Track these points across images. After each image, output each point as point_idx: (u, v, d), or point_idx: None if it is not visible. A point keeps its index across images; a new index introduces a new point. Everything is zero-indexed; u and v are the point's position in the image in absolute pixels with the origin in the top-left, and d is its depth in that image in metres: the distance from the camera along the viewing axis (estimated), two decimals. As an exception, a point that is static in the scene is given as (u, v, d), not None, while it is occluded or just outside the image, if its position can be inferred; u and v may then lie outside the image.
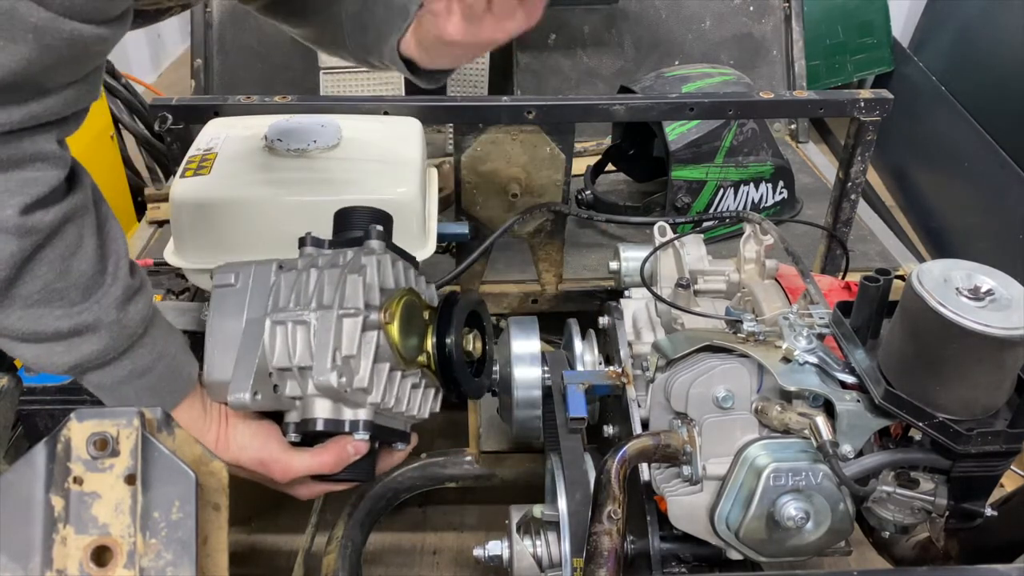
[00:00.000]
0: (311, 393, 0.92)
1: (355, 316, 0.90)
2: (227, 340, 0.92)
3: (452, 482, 1.56)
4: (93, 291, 0.82)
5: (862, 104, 1.53)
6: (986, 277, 0.88)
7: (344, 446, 0.95)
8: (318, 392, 0.92)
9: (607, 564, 0.93)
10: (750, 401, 1.00)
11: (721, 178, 1.96)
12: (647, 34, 2.65)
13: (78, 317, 0.81)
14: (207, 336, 0.94)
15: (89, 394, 1.19)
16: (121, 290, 0.84)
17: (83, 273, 0.81)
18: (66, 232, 0.79)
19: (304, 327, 0.91)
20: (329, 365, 0.88)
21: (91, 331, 0.83)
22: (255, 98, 1.51)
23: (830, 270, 1.71)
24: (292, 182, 1.30)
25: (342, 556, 1.41)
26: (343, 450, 0.95)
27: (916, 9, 3.12)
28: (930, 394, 0.89)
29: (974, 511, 0.96)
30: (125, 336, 0.85)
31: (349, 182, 1.30)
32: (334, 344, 0.89)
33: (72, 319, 0.81)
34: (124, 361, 0.86)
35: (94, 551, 0.73)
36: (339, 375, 0.88)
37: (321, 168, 1.33)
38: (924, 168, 2.88)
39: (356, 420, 0.94)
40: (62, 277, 0.79)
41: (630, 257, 1.36)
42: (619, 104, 1.52)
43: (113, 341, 0.84)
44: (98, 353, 0.84)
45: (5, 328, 0.80)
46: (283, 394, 0.93)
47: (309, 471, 0.95)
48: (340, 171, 1.32)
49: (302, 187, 1.30)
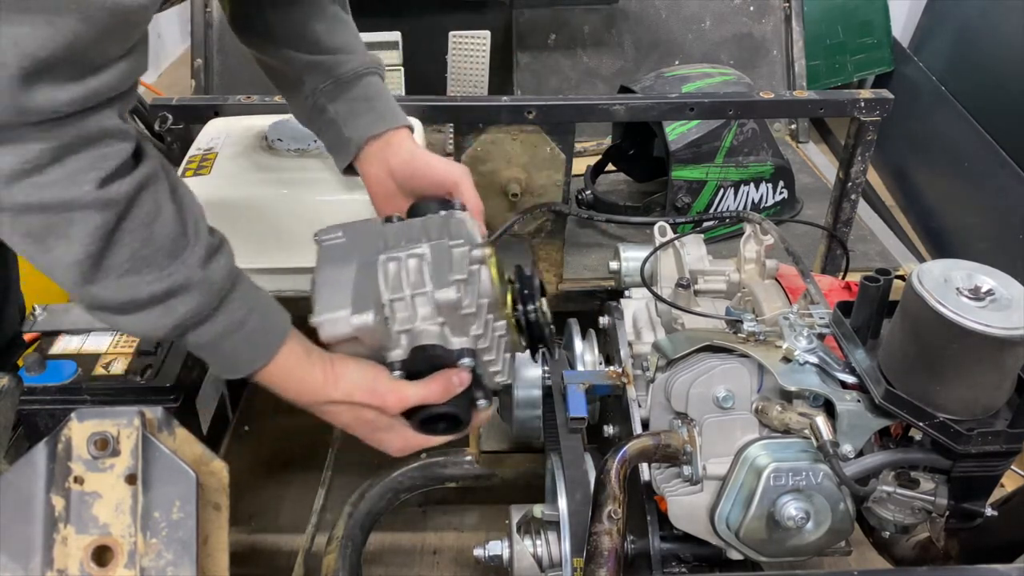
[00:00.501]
0: (422, 317, 0.96)
1: (463, 247, 0.97)
2: (338, 282, 0.95)
3: (452, 482, 1.56)
4: (178, 253, 0.84)
5: (862, 104, 1.53)
6: (986, 277, 0.88)
7: (449, 376, 0.98)
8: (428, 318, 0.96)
9: (607, 564, 0.93)
10: (750, 401, 1.00)
11: (721, 178, 1.96)
12: (647, 34, 2.65)
13: (169, 279, 0.83)
14: (316, 284, 0.96)
15: (89, 394, 1.19)
16: (204, 249, 0.87)
17: (165, 237, 0.83)
18: (143, 200, 0.81)
19: (417, 259, 0.96)
20: (449, 280, 0.94)
21: (184, 291, 0.85)
22: (255, 98, 1.51)
23: (830, 270, 1.71)
24: (292, 182, 1.30)
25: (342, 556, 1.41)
26: (449, 380, 0.97)
27: (916, 9, 3.12)
28: (930, 394, 0.89)
29: (974, 511, 0.96)
30: (215, 292, 0.87)
31: (348, 182, 1.30)
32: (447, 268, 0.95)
33: (163, 282, 0.83)
34: (219, 316, 0.88)
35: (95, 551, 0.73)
36: (457, 290, 0.93)
37: (321, 168, 1.33)
38: (924, 168, 2.87)
39: (461, 348, 0.97)
40: (147, 244, 0.82)
41: (630, 257, 1.36)
42: (619, 104, 1.52)
43: (205, 298, 0.86)
44: (193, 311, 0.86)
45: (104, 301, 0.83)
46: (392, 328, 0.96)
47: (420, 400, 0.97)
48: (340, 171, 1.32)
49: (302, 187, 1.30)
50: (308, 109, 1.17)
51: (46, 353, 1.25)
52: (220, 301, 0.88)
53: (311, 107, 1.16)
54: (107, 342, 1.26)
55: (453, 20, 2.36)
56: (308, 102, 1.16)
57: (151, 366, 1.21)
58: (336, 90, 1.14)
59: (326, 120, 1.16)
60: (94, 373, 1.21)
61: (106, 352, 1.25)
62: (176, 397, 1.21)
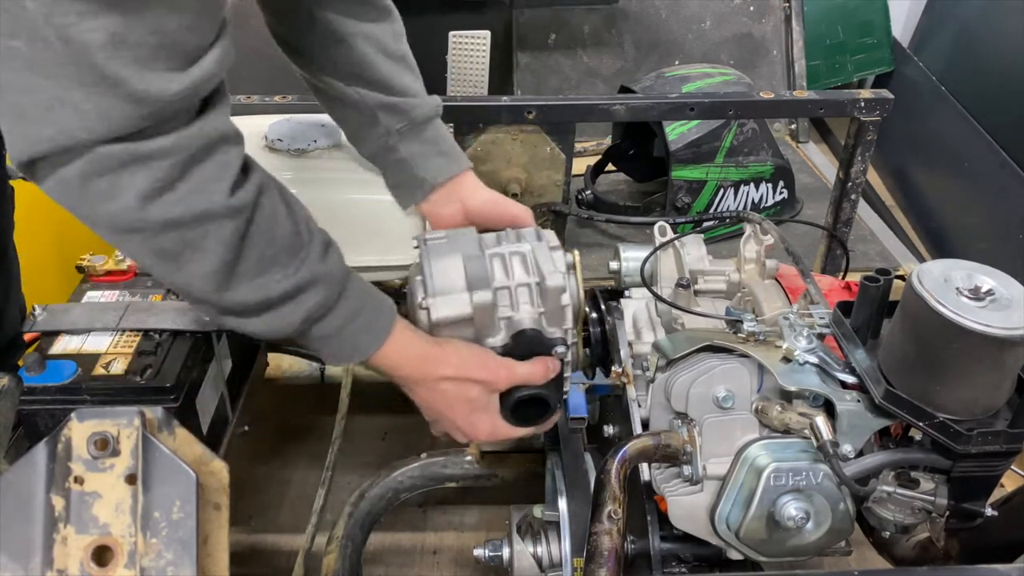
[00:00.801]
0: (523, 304, 1.03)
1: (559, 250, 1.06)
2: (450, 269, 1.03)
3: (452, 482, 1.56)
4: (298, 250, 0.88)
5: (862, 104, 1.53)
6: (986, 277, 0.88)
7: (547, 361, 1.04)
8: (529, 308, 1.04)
9: (607, 564, 0.93)
10: (750, 401, 1.00)
11: (721, 178, 1.96)
12: (647, 34, 2.66)
13: (295, 276, 0.87)
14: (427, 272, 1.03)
15: (89, 394, 1.19)
16: (320, 243, 0.91)
17: (285, 237, 0.87)
18: (263, 204, 0.85)
19: (519, 256, 1.05)
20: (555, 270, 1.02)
21: (311, 285, 0.89)
22: (255, 98, 1.51)
23: (830, 270, 1.71)
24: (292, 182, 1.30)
25: (342, 556, 1.41)
26: (546, 364, 1.04)
27: (916, 9, 3.12)
28: (930, 394, 0.89)
29: (974, 511, 0.96)
30: (336, 282, 0.92)
31: (349, 182, 1.31)
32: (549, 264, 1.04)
33: (291, 279, 0.87)
34: (341, 306, 0.92)
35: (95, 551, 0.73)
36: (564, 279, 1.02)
37: (321, 168, 1.33)
38: (924, 168, 2.87)
39: (557, 337, 1.05)
40: (271, 245, 0.86)
41: (630, 257, 1.36)
42: (619, 104, 1.53)
43: (329, 289, 0.91)
44: (320, 304, 0.90)
45: (239, 304, 0.86)
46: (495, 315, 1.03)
47: (526, 377, 1.03)
48: (340, 171, 1.32)
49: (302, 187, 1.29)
50: (378, 147, 1.22)
51: (46, 353, 1.25)
52: (341, 290, 0.92)
53: (382, 146, 1.21)
54: (107, 342, 1.26)
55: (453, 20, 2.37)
56: (380, 141, 1.21)
57: (151, 366, 1.21)
58: (411, 132, 1.20)
59: (396, 159, 1.21)
60: (94, 373, 1.21)
61: (106, 352, 1.24)
62: (176, 397, 1.20)
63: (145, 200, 0.76)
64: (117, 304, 1.34)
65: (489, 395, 1.03)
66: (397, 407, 1.98)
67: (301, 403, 1.99)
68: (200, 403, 1.30)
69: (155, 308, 1.32)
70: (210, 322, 1.32)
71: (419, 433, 1.97)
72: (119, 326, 1.28)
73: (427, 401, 1.04)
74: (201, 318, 1.29)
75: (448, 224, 1.26)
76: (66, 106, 0.71)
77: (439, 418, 1.06)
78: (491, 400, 1.04)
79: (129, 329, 1.28)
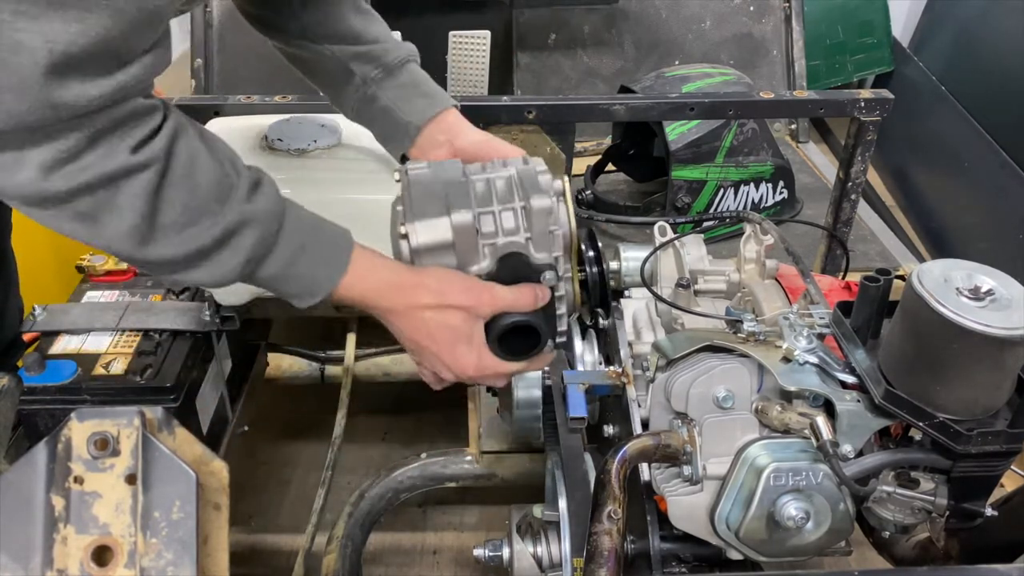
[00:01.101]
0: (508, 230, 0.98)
1: (547, 174, 1.01)
2: (431, 195, 0.98)
3: (452, 482, 1.56)
4: (225, 195, 0.86)
5: (862, 104, 1.53)
6: (986, 277, 0.87)
7: (535, 288, 0.99)
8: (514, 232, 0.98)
9: (607, 564, 0.93)
10: (750, 401, 1.00)
11: (721, 178, 1.96)
12: (647, 34, 2.65)
13: (225, 220, 0.85)
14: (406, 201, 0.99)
15: (89, 394, 1.19)
16: (248, 181, 0.89)
17: (209, 182, 0.85)
18: (178, 150, 0.83)
19: (505, 179, 1.00)
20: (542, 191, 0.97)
21: (242, 227, 0.87)
22: (255, 98, 1.51)
23: (830, 270, 1.71)
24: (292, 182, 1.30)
25: (342, 556, 1.41)
26: (534, 291, 0.99)
27: (916, 9, 3.12)
28: (930, 394, 0.89)
29: (974, 511, 0.96)
30: (271, 218, 0.89)
31: (349, 182, 1.30)
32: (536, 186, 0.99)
33: (221, 225, 0.85)
34: (282, 243, 0.90)
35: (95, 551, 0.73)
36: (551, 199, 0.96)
37: (321, 168, 1.33)
38: (924, 168, 2.87)
39: (545, 263, 0.99)
40: (194, 194, 0.84)
41: (630, 257, 1.36)
42: (619, 104, 1.52)
43: (264, 227, 0.88)
44: (258, 243, 0.88)
45: (170, 258, 0.85)
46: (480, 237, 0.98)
47: (511, 303, 0.98)
48: (340, 171, 1.32)
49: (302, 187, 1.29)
50: (358, 100, 1.19)
51: (46, 353, 1.25)
52: (279, 226, 0.89)
53: (361, 98, 1.18)
54: (107, 342, 1.26)
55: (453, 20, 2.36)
56: (359, 93, 1.18)
57: (151, 366, 1.21)
58: (386, 78, 1.17)
59: (378, 108, 1.18)
60: (94, 373, 1.21)
61: (106, 352, 1.25)
62: (176, 397, 1.21)
63: (48, 171, 0.76)
64: (117, 304, 1.34)
65: (473, 323, 0.97)
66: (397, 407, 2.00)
67: (301, 403, 1.99)
68: (200, 403, 1.30)
69: (155, 308, 1.32)
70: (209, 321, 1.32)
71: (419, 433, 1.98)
72: (119, 326, 1.29)
73: (406, 332, 0.99)
74: (201, 318, 1.29)
75: None
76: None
77: (421, 352, 1.01)
78: (475, 329, 0.98)
79: (129, 329, 1.28)
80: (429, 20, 2.45)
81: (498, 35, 2.41)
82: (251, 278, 0.90)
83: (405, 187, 1.02)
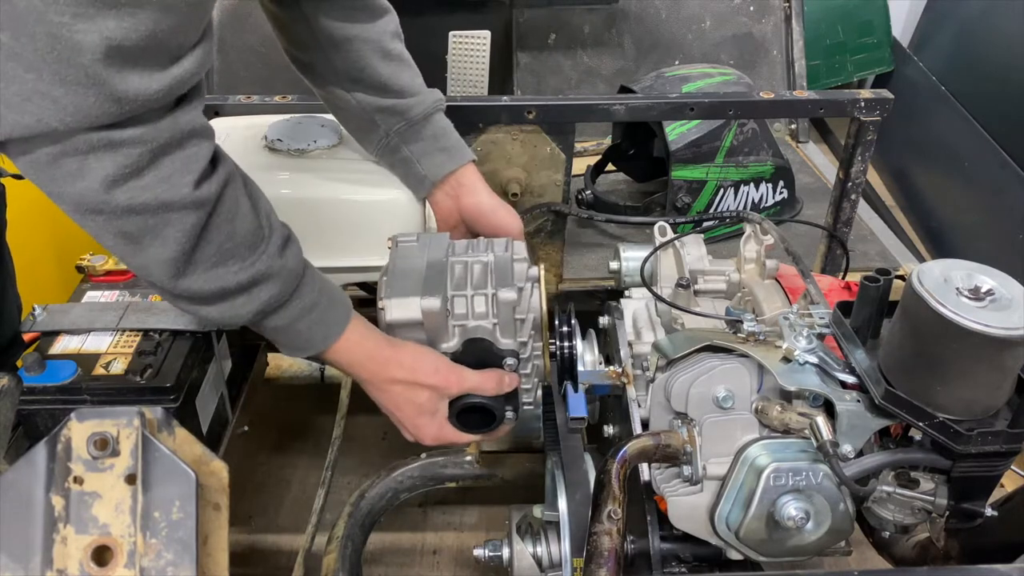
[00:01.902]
0: (478, 315, 1.05)
1: (524, 263, 1.08)
2: (410, 273, 1.06)
3: (452, 482, 1.56)
4: (258, 244, 0.90)
5: (862, 104, 1.53)
6: (986, 277, 0.87)
7: (500, 374, 1.07)
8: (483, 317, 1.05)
9: (607, 564, 0.93)
10: (750, 401, 1.00)
11: (721, 178, 1.96)
12: (647, 34, 2.65)
13: (252, 269, 0.90)
14: (389, 273, 1.06)
15: (89, 394, 1.19)
16: (280, 238, 0.93)
17: (246, 231, 0.89)
18: (226, 197, 0.87)
19: (482, 265, 1.07)
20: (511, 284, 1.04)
21: (265, 279, 0.91)
22: (255, 98, 1.51)
23: (830, 270, 1.71)
24: (292, 182, 1.30)
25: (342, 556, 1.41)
26: (500, 377, 1.07)
27: (916, 9, 3.12)
28: (930, 394, 0.89)
29: (974, 511, 0.96)
30: (293, 277, 0.94)
31: (349, 182, 1.30)
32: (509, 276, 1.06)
33: (247, 272, 0.89)
34: (295, 300, 0.95)
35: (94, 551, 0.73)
36: (517, 293, 1.03)
37: (321, 168, 1.33)
38: (924, 168, 2.87)
39: (510, 349, 1.06)
40: (231, 238, 0.88)
41: (630, 257, 1.36)
42: (619, 104, 1.53)
43: (284, 284, 0.93)
44: (275, 297, 0.93)
45: (193, 292, 0.88)
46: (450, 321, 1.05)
47: (476, 385, 1.06)
48: (340, 171, 1.32)
49: (302, 187, 1.30)
50: (381, 147, 1.26)
51: (46, 353, 1.25)
52: (296, 285, 0.95)
53: (384, 146, 1.25)
54: (107, 342, 1.26)
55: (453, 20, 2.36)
56: (382, 142, 1.25)
57: (151, 366, 1.21)
58: (408, 130, 1.23)
59: (400, 159, 1.26)
60: (94, 373, 1.21)
61: (106, 352, 1.24)
62: (176, 397, 1.20)
63: (111, 184, 0.78)
64: (117, 304, 1.34)
65: (438, 400, 1.06)
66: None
67: (301, 403, 1.99)
68: (200, 403, 1.30)
69: (155, 308, 1.32)
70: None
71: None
72: (119, 326, 1.28)
73: (378, 399, 1.07)
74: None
75: (447, 219, 1.28)
76: (45, 99, 0.73)
77: (390, 416, 1.09)
78: (440, 405, 1.06)
79: (129, 329, 1.28)
80: (429, 20, 2.44)
81: (498, 35, 2.41)
82: (255, 324, 0.95)
83: (391, 259, 1.09)
